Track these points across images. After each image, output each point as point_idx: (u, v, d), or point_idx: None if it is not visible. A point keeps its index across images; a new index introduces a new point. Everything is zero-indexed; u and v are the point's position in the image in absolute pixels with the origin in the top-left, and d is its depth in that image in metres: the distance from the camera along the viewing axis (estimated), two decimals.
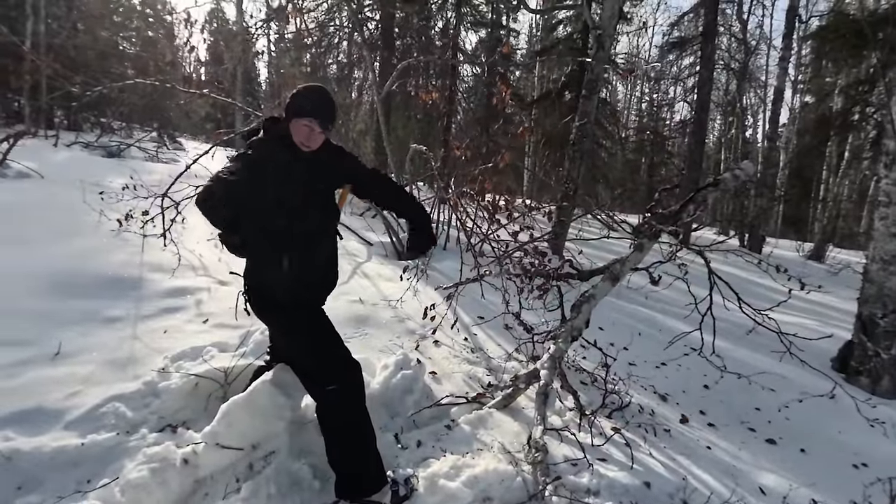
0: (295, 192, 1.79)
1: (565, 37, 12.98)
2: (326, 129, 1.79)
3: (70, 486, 1.73)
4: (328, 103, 1.80)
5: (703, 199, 2.58)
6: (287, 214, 1.79)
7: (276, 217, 1.79)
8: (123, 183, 5.03)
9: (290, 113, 1.77)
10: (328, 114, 1.78)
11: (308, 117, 1.74)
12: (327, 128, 1.79)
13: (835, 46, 9.09)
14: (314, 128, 1.75)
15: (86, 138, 9.22)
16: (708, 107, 11.18)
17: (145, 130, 11.13)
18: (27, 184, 5.41)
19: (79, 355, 2.44)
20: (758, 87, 17.95)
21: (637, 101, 24.31)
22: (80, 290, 3.09)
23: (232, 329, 2.94)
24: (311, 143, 1.78)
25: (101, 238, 4.03)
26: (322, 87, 1.86)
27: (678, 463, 2.28)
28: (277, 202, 1.77)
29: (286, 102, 1.83)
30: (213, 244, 4.48)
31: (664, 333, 3.99)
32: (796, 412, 3.03)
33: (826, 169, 14.21)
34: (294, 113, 1.76)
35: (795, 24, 11.23)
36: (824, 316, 5.67)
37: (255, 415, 1.92)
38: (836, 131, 11.35)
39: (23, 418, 1.97)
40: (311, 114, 1.74)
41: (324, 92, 1.83)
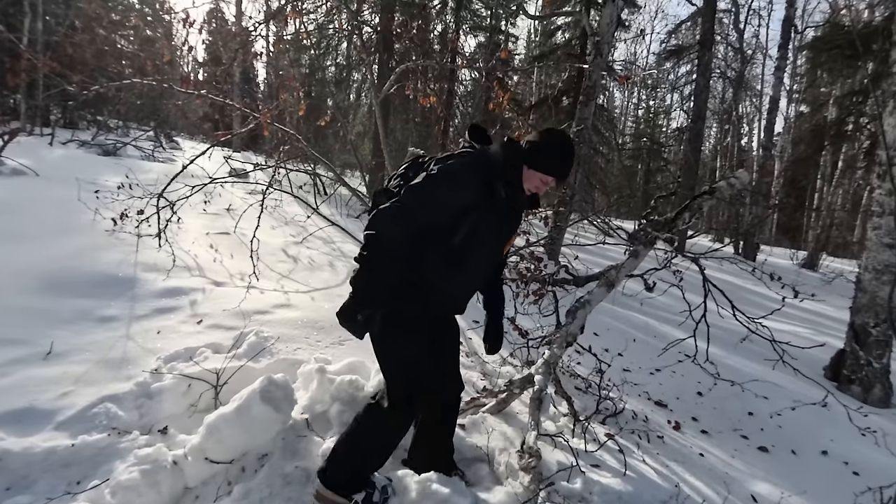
0: (509, 235, 1.81)
1: (563, 43, 13.06)
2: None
3: (60, 486, 1.71)
4: (573, 162, 1.72)
5: (698, 206, 2.60)
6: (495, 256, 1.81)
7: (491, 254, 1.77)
8: (119, 182, 5.01)
9: (534, 163, 1.65)
10: (570, 173, 1.73)
11: (554, 177, 1.66)
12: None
13: (829, 57, 9.20)
14: (550, 185, 1.69)
15: (82, 136, 9.18)
16: (704, 115, 11.26)
17: (142, 129, 11.08)
18: (22, 181, 5.37)
19: (71, 355, 2.42)
20: (753, 96, 18.12)
21: (634, 108, 24.47)
22: (73, 289, 3.07)
23: (226, 330, 2.92)
24: (539, 193, 1.72)
25: (96, 237, 4.01)
26: (572, 145, 1.73)
27: (671, 470, 2.28)
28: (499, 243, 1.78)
29: (530, 145, 1.67)
30: (207, 245, 4.47)
31: (658, 340, 4.01)
32: (789, 420, 3.04)
33: (820, 178, 14.33)
34: (541, 167, 1.65)
35: (791, 34, 11.36)
36: (817, 324, 5.70)
37: (244, 430, 1.91)
38: (831, 141, 11.46)
39: (14, 418, 1.95)
40: (559, 176, 1.67)
41: (574, 151, 1.72)
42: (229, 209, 5.75)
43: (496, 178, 1.60)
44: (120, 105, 9.80)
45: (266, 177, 5.35)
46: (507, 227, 1.74)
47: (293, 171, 5.42)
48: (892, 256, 3.69)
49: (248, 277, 3.76)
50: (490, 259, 1.75)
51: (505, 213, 1.66)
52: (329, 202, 6.99)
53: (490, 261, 1.76)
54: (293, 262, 4.58)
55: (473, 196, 1.57)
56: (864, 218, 12.25)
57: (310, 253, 4.97)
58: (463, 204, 1.57)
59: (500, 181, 1.60)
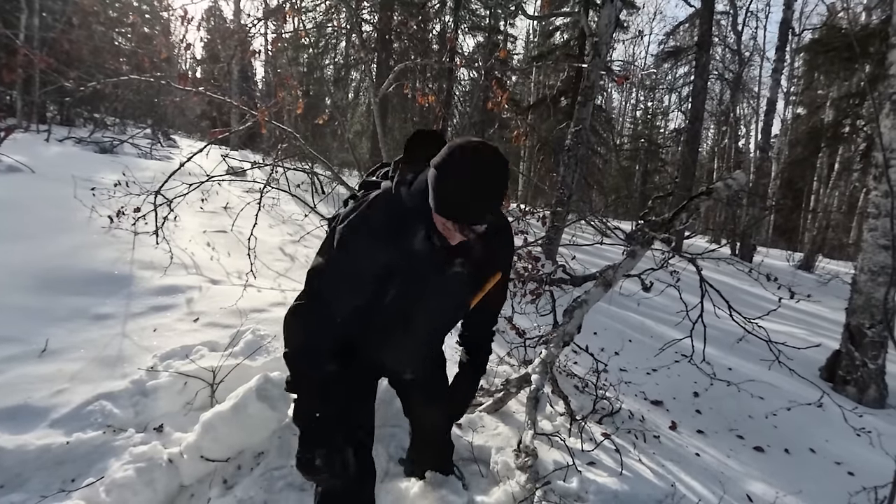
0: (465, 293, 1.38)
1: (562, 43, 13.08)
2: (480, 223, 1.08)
3: (54, 484, 1.70)
4: (486, 194, 1.03)
5: (695, 207, 2.61)
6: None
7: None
8: (116, 179, 4.99)
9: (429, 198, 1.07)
10: (483, 210, 1.04)
11: (447, 219, 1.06)
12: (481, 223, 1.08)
13: (826, 59, 9.22)
14: (456, 230, 1.09)
15: (78, 133, 9.14)
16: (702, 116, 11.29)
17: (139, 127, 11.04)
18: (18, 178, 5.34)
19: (66, 352, 2.41)
20: (751, 98, 18.17)
21: (632, 109, 24.52)
22: (69, 286, 3.05)
23: (222, 328, 2.91)
24: (452, 241, 1.16)
25: (92, 234, 3.99)
26: (484, 161, 1.02)
27: (667, 469, 2.29)
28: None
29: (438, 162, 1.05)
30: (204, 243, 4.46)
31: (655, 340, 4.02)
32: (784, 420, 3.05)
33: (817, 180, 14.40)
34: (433, 204, 1.06)
35: (788, 36, 11.39)
36: (813, 325, 5.73)
37: (240, 428, 1.91)
38: (827, 143, 11.50)
39: (8, 415, 1.94)
40: (451, 217, 1.05)
41: (483, 175, 1.02)
42: (226, 207, 5.74)
43: (415, 226, 1.17)
44: (117, 102, 9.77)
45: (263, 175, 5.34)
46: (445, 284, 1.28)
47: (291, 169, 5.41)
48: (888, 258, 3.71)
49: (245, 276, 3.75)
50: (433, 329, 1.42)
51: (434, 268, 1.24)
52: (326, 201, 6.98)
53: (435, 330, 1.45)
54: (290, 261, 4.57)
55: (387, 259, 1.19)
56: (860, 220, 12.31)
57: (307, 251, 4.96)
58: (378, 273, 1.22)
59: (422, 228, 1.16)
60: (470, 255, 1.24)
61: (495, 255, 1.34)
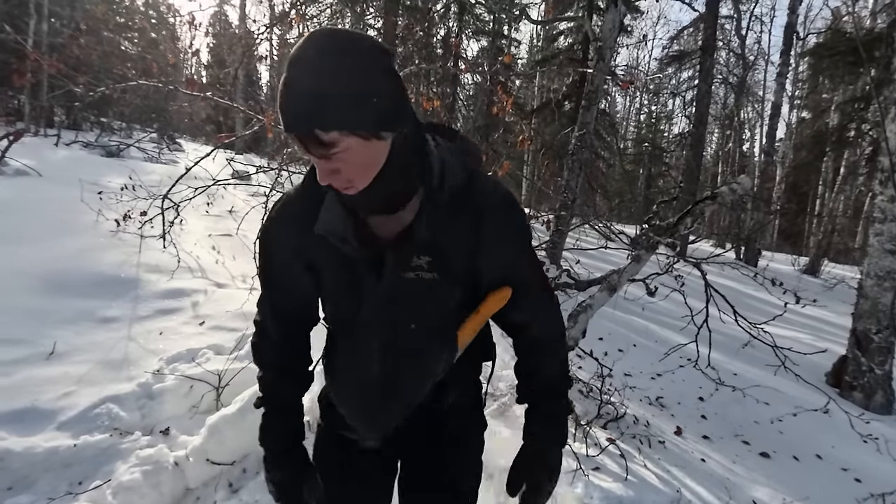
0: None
1: (566, 47, 13.09)
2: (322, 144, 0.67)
3: (62, 487, 1.72)
4: (307, 83, 0.64)
5: (700, 211, 2.60)
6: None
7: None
8: (122, 183, 5.02)
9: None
10: (302, 105, 0.64)
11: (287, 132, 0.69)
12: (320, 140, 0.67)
13: (831, 64, 9.21)
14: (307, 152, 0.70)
15: (86, 137, 9.21)
16: (706, 120, 11.27)
17: (145, 131, 11.13)
18: (25, 182, 5.39)
19: (73, 355, 2.43)
20: (755, 102, 18.15)
21: (636, 113, 24.51)
22: (76, 289, 3.08)
23: (228, 332, 2.93)
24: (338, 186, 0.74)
25: (99, 237, 4.02)
26: (314, 43, 0.65)
27: (672, 475, 2.28)
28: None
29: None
30: (209, 246, 4.48)
31: (660, 345, 4.00)
32: (790, 426, 3.04)
33: (822, 184, 14.33)
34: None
35: (793, 40, 11.37)
36: (819, 330, 5.69)
37: (245, 432, 1.91)
38: (832, 147, 11.46)
39: (15, 418, 1.96)
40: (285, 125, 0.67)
41: (308, 60, 0.64)
42: (231, 211, 5.77)
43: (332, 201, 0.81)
44: (124, 106, 9.84)
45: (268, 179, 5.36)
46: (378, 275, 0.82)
47: (295, 173, 5.43)
48: (894, 262, 3.69)
49: (249, 279, 3.77)
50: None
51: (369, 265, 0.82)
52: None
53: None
54: None
55: (302, 247, 0.84)
56: (865, 224, 12.24)
57: None
58: (295, 270, 0.88)
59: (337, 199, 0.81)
60: (438, 246, 0.79)
61: (486, 243, 0.82)
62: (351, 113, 0.64)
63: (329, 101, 0.63)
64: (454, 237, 0.80)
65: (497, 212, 0.82)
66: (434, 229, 0.78)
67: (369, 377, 0.88)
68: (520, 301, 0.90)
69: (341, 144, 0.65)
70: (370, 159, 0.70)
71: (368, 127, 0.66)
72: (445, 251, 0.80)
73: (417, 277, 0.80)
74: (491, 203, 0.82)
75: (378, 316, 0.84)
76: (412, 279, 0.80)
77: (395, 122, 0.70)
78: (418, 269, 0.80)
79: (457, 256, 0.81)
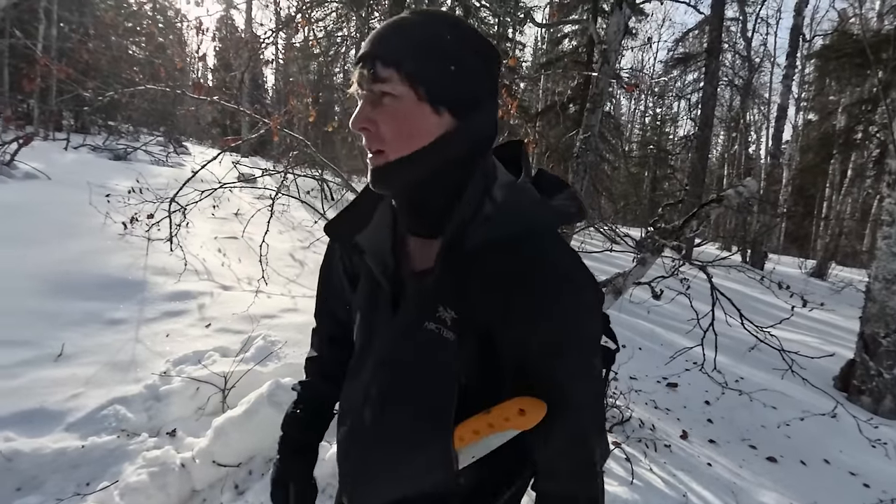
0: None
1: (570, 50, 13.11)
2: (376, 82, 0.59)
3: (69, 488, 1.73)
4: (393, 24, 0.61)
5: (706, 214, 2.59)
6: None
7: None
8: (129, 186, 5.07)
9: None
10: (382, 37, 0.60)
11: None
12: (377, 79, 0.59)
13: (838, 66, 9.17)
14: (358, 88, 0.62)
15: (94, 141, 9.31)
16: (711, 122, 11.24)
17: (152, 134, 11.23)
18: (34, 185, 5.45)
19: (81, 357, 2.45)
20: (761, 104, 18.07)
21: (641, 116, 24.47)
22: (83, 291, 3.10)
23: (234, 334, 2.94)
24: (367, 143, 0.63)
25: (106, 240, 4.05)
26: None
27: (678, 479, 2.27)
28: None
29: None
30: (215, 249, 4.51)
31: (665, 348, 3.99)
32: (797, 430, 3.02)
33: (829, 186, 14.25)
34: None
35: (799, 42, 11.33)
36: (826, 334, 5.65)
37: (251, 434, 1.93)
38: (839, 150, 11.40)
39: (24, 419, 1.97)
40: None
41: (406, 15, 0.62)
42: (237, 214, 5.80)
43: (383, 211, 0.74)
44: (132, 110, 9.94)
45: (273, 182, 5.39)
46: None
47: (301, 176, 5.47)
48: None
49: (255, 282, 3.79)
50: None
51: (387, 297, 0.69)
52: (336, 207, 7.03)
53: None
54: (300, 267, 4.61)
55: (345, 258, 0.81)
56: (873, 227, 12.15)
57: (316, 258, 4.99)
58: (337, 283, 0.84)
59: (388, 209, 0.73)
60: (468, 303, 0.62)
61: (516, 317, 0.61)
62: (419, 59, 0.58)
63: (405, 39, 0.59)
64: (486, 299, 0.61)
65: (546, 283, 0.60)
66: (459, 277, 0.62)
67: (360, 426, 0.70)
68: (546, 427, 0.62)
69: (392, 85, 0.58)
70: (413, 125, 0.59)
71: (430, 85, 0.58)
72: (473, 313, 0.62)
73: (437, 333, 0.63)
74: (541, 269, 0.60)
75: (381, 357, 0.69)
76: (431, 332, 0.63)
77: (461, 108, 0.60)
78: (441, 322, 0.63)
79: (482, 324, 0.62)
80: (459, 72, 0.59)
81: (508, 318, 0.61)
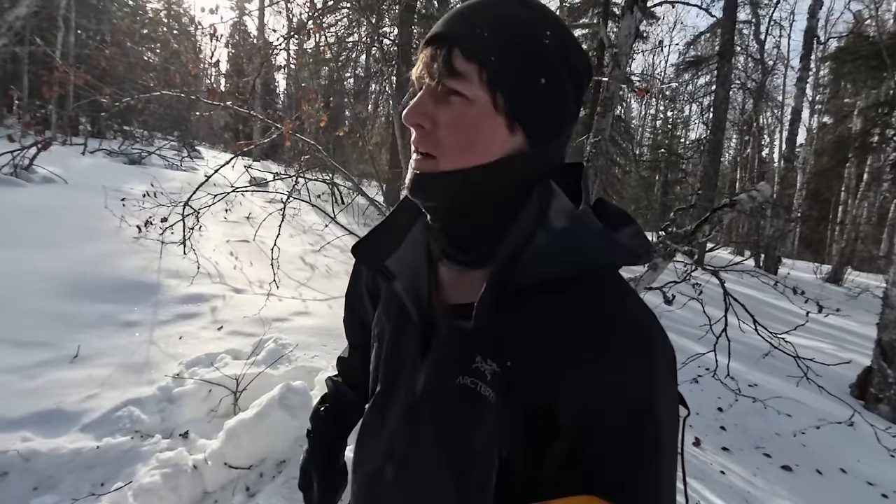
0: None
1: None
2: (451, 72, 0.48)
3: (85, 488, 1.75)
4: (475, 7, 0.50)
5: (718, 219, 2.57)
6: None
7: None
8: (144, 190, 5.15)
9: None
10: (458, 20, 0.50)
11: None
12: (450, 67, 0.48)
13: (853, 68, 9.05)
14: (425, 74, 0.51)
15: (109, 145, 9.48)
16: (724, 126, 11.15)
17: (166, 139, 11.40)
18: (52, 189, 5.55)
19: (96, 358, 2.49)
20: (774, 107, 17.87)
21: (652, 119, 24.32)
22: (99, 293, 3.16)
23: (245, 337, 2.97)
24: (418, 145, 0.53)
25: (121, 243, 4.12)
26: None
27: (690, 487, 2.24)
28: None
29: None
30: (227, 252, 4.56)
31: (677, 354, 3.94)
32: (813, 439, 2.96)
33: (844, 190, 14.03)
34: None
35: (813, 45, 11.21)
36: (842, 341, 5.55)
37: (263, 436, 1.94)
38: (855, 153, 11.22)
39: (42, 419, 2.01)
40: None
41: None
42: (249, 217, 5.86)
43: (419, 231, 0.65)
44: (148, 116, 10.11)
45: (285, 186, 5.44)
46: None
47: (312, 180, 5.52)
48: None
49: (267, 285, 3.82)
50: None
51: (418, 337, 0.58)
52: (346, 211, 7.06)
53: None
54: (311, 270, 4.64)
55: (369, 281, 0.74)
56: (890, 231, 11.94)
57: (327, 261, 5.03)
58: (361, 305, 0.78)
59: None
60: (514, 356, 0.50)
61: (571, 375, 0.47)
62: (510, 61, 0.48)
63: (497, 30, 0.48)
64: (535, 351, 0.48)
65: (611, 332, 0.47)
66: (504, 321, 0.50)
67: (380, 483, 0.60)
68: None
69: (469, 85, 0.48)
70: (480, 137, 0.49)
71: (513, 95, 0.48)
72: (518, 367, 0.49)
73: (474, 389, 0.50)
74: (602, 314, 0.48)
75: (408, 407, 0.57)
76: (465, 388, 0.51)
77: (539, 129, 0.51)
78: (479, 376, 0.50)
79: (529, 382, 0.48)
80: (550, 88, 0.50)
81: (559, 376, 0.47)
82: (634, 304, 0.50)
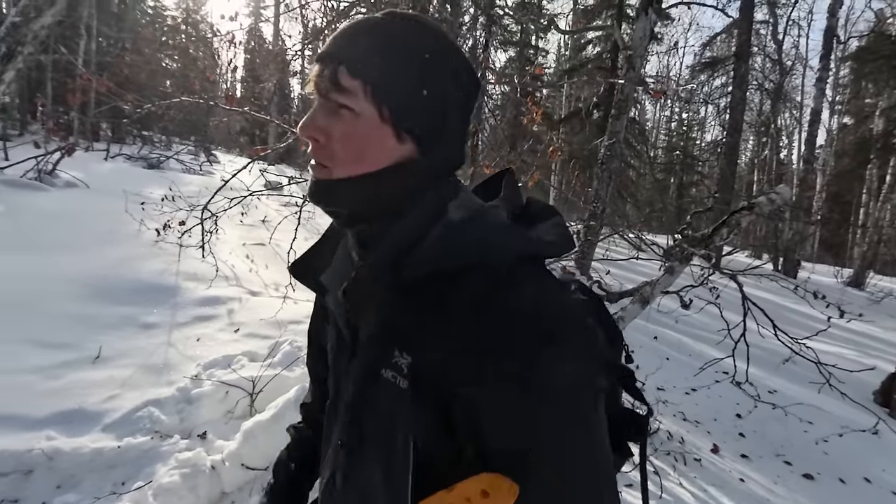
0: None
1: (594, 56, 13.03)
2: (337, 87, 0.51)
3: (106, 487, 1.79)
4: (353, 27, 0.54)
5: (736, 222, 2.53)
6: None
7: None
8: (162, 194, 5.24)
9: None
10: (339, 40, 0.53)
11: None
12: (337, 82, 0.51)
13: (875, 68, 8.88)
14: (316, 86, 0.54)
15: (129, 150, 9.69)
16: (740, 127, 10.98)
17: (184, 144, 11.61)
18: (74, 193, 5.69)
19: (117, 359, 2.54)
20: (793, 108, 17.57)
21: (667, 121, 24.07)
22: (119, 296, 3.22)
23: (261, 339, 3.00)
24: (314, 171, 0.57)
25: (141, 247, 4.20)
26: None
27: (709, 494, 2.21)
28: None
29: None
30: (244, 255, 4.61)
31: (694, 359, 3.89)
32: (836, 447, 2.90)
33: (866, 193, 13.72)
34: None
35: (833, 44, 11.00)
36: (865, 346, 5.42)
37: (278, 436, 1.95)
38: (877, 154, 10.99)
39: (65, 419, 2.05)
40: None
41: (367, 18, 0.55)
42: (264, 220, 5.93)
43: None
44: (168, 121, 10.32)
45: (300, 189, 5.49)
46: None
47: None
48: None
49: (282, 288, 3.86)
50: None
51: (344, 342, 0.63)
52: None
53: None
54: None
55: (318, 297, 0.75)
56: None
57: None
58: (317, 325, 0.79)
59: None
60: (417, 335, 0.52)
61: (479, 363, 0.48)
62: (391, 75, 0.51)
63: (378, 47, 0.51)
64: (434, 340, 0.50)
65: (500, 320, 0.48)
66: (410, 314, 0.52)
67: (333, 487, 0.61)
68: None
69: (354, 99, 0.50)
70: (369, 147, 0.52)
71: (397, 107, 0.51)
72: (423, 357, 0.51)
73: (394, 382, 0.52)
74: (496, 302, 0.49)
75: (344, 414, 0.59)
76: (387, 382, 0.53)
77: (426, 137, 0.53)
78: (397, 369, 0.52)
79: (435, 372, 0.50)
80: (432, 98, 0.52)
81: (458, 366, 0.48)
82: (536, 292, 0.50)
